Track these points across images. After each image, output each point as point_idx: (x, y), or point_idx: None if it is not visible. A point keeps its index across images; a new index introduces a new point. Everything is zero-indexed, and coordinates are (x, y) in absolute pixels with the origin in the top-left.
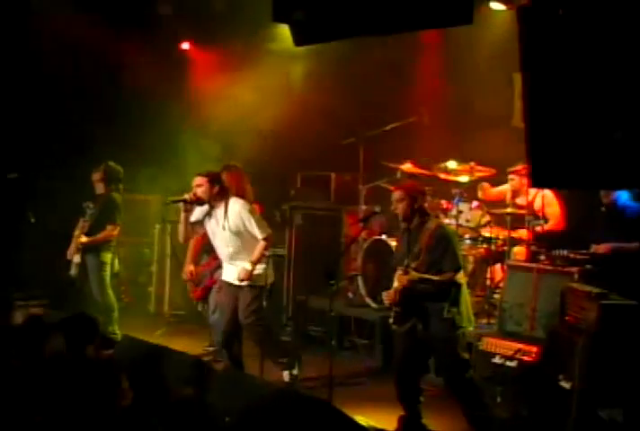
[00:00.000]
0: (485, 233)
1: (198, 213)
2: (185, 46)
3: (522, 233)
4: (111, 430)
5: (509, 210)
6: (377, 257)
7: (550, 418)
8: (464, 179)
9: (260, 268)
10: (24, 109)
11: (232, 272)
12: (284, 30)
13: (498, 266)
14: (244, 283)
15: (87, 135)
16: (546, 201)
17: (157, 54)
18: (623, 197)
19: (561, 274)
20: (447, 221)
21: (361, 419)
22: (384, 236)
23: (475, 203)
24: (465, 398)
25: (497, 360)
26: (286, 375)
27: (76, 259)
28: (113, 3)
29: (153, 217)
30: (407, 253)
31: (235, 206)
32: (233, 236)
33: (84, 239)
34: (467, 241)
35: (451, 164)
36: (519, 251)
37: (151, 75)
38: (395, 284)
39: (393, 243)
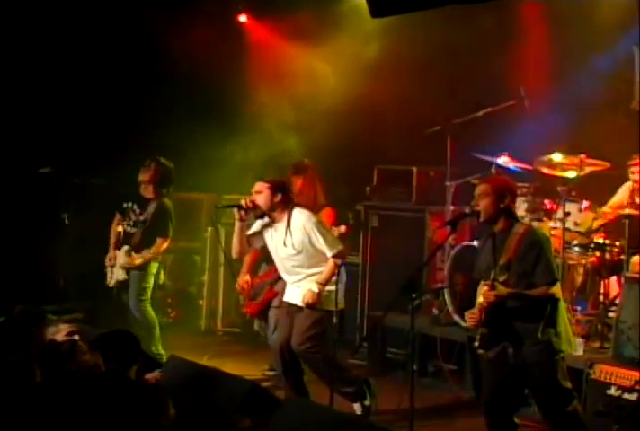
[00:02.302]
0: (598, 238)
1: (256, 224)
2: (242, 18)
3: None
4: None
5: (627, 211)
6: (467, 266)
7: None
8: (572, 174)
9: (326, 290)
10: (59, 95)
11: (295, 293)
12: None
13: (613, 278)
14: None
15: (131, 124)
16: None
17: (213, 30)
18: None
19: None
20: (552, 224)
21: None
22: (475, 242)
23: (585, 203)
24: None
25: (613, 392)
26: (357, 408)
27: (120, 275)
28: None
29: (205, 219)
30: (493, 263)
31: (300, 218)
32: (297, 253)
33: (138, 261)
34: (576, 249)
35: (557, 157)
36: (639, 261)
37: (207, 53)
38: (480, 299)
39: None
